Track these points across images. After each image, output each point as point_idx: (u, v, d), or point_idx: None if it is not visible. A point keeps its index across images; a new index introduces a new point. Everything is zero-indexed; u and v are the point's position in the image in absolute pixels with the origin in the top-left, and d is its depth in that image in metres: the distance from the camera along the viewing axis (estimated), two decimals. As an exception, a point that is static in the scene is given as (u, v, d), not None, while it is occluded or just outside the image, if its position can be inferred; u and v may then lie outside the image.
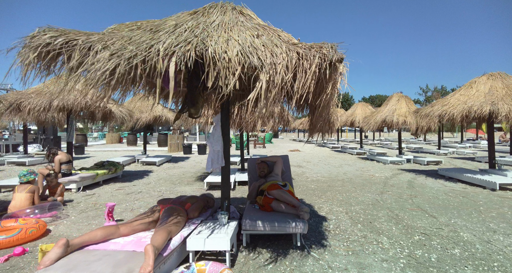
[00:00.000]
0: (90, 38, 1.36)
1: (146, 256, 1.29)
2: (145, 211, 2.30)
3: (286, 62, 1.28)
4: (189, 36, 1.40)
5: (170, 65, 1.23)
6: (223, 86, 1.28)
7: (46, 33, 1.34)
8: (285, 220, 2.04)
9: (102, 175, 4.69)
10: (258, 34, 1.48)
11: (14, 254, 1.93)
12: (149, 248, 1.30)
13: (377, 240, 2.23)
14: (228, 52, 1.30)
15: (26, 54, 1.30)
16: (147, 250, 1.30)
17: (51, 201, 3.07)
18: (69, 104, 4.20)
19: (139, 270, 1.24)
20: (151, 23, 1.61)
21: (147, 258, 1.28)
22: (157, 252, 1.37)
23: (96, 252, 1.45)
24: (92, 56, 1.28)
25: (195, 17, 1.65)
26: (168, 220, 1.74)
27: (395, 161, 7.99)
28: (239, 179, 4.60)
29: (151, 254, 1.29)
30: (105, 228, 1.62)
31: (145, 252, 1.30)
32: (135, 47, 1.30)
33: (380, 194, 4.03)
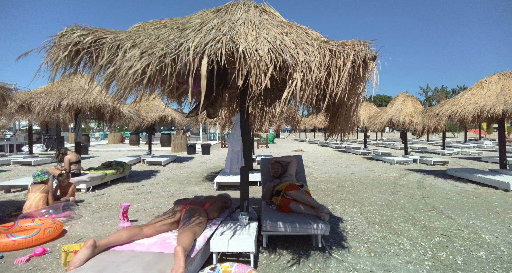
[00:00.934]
0: (118, 36, 1.34)
1: (176, 257, 1.27)
2: (165, 211, 2.28)
3: (319, 60, 1.25)
4: (217, 34, 1.37)
5: (202, 64, 1.20)
6: (253, 84, 1.25)
7: (75, 31, 1.32)
8: (306, 221, 2.02)
9: (110, 175, 4.67)
10: (287, 31, 1.45)
11: (35, 254, 1.91)
12: (179, 249, 1.28)
13: (397, 242, 2.20)
14: (259, 50, 1.27)
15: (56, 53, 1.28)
16: (177, 252, 1.28)
17: (65, 201, 3.06)
18: (79, 104, 4.18)
19: (170, 272, 1.22)
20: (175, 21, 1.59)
21: (178, 259, 1.26)
22: (186, 253, 1.35)
23: (123, 253, 1.43)
24: (122, 54, 1.26)
25: (219, 15, 1.63)
26: (190, 221, 1.72)
27: (401, 161, 7.95)
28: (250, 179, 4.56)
29: (181, 255, 1.26)
30: (129, 229, 1.60)
31: (175, 253, 1.28)
32: (165, 46, 1.27)
33: (391, 195, 4.00)
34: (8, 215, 2.80)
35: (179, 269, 1.23)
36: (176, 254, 1.27)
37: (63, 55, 1.26)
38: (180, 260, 1.25)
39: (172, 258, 1.39)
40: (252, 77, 1.24)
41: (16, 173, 5.90)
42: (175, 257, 1.27)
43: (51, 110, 4.09)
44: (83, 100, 4.18)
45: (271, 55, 1.25)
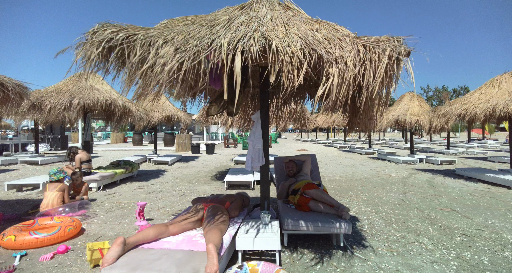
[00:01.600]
0: (149, 33, 1.33)
1: (209, 255, 1.26)
2: (186, 209, 2.27)
3: (353, 56, 1.24)
4: (248, 30, 1.36)
5: (236, 61, 1.19)
6: (285, 81, 1.24)
7: (106, 28, 1.31)
8: (328, 220, 2.01)
9: (120, 174, 4.68)
10: (317, 28, 1.44)
11: (58, 251, 1.91)
12: (211, 247, 1.27)
13: (418, 241, 2.18)
14: (292, 46, 1.26)
15: (90, 49, 1.27)
16: (210, 249, 1.27)
17: (79, 200, 3.06)
18: (89, 102, 4.18)
19: (204, 270, 1.21)
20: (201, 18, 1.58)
21: (211, 257, 1.25)
22: (218, 251, 1.34)
23: (153, 251, 1.42)
24: (155, 51, 1.25)
25: (244, 12, 1.62)
26: (215, 219, 1.72)
27: (408, 160, 7.92)
28: (259, 178, 4.56)
29: (214, 253, 1.26)
30: (156, 227, 1.59)
31: (208, 251, 1.27)
32: (198, 42, 1.26)
33: (403, 194, 3.98)
34: (25, 213, 2.80)
35: (213, 267, 1.22)
36: (209, 252, 1.27)
37: (97, 52, 1.25)
38: (213, 258, 1.25)
39: (202, 255, 1.38)
40: (284, 73, 1.23)
41: (24, 172, 5.92)
42: (208, 255, 1.26)
43: (62, 109, 4.09)
44: (93, 98, 4.18)
45: (304, 51, 1.24)
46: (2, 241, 1.97)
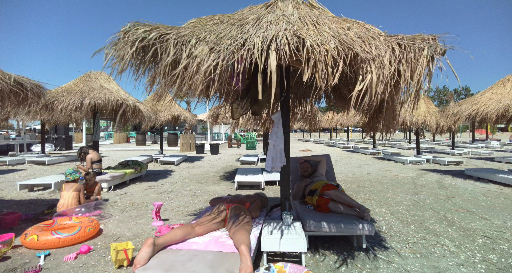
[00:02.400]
0: (180, 32, 1.32)
1: (242, 257, 1.25)
2: (205, 210, 2.27)
3: (389, 54, 1.22)
4: (278, 29, 1.35)
5: (271, 59, 1.18)
6: (319, 80, 1.23)
7: (138, 28, 1.30)
8: (350, 222, 1.99)
9: (129, 174, 4.68)
10: (348, 26, 1.43)
11: (81, 252, 1.91)
12: (244, 249, 1.27)
13: (439, 243, 2.16)
14: (325, 45, 1.24)
15: (124, 49, 1.26)
16: (243, 251, 1.26)
17: (94, 200, 3.06)
18: (100, 102, 4.19)
19: (239, 272, 1.21)
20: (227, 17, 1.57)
21: (244, 259, 1.24)
22: (250, 252, 1.33)
23: (182, 252, 1.42)
24: (188, 51, 1.24)
25: (271, 11, 1.61)
26: (239, 220, 1.71)
27: (414, 161, 7.88)
28: (268, 179, 4.55)
29: (247, 255, 1.25)
30: (183, 228, 1.59)
31: (241, 252, 1.26)
32: (232, 41, 1.25)
33: (415, 195, 3.96)
34: (41, 213, 2.80)
35: (248, 268, 1.21)
36: (242, 253, 1.26)
37: (131, 51, 1.25)
38: (247, 260, 1.24)
39: (232, 257, 1.37)
40: (318, 72, 1.22)
41: (32, 172, 5.93)
42: (241, 256, 1.26)
43: (73, 109, 4.10)
44: (104, 98, 4.18)
45: (338, 49, 1.22)
46: (25, 241, 1.97)
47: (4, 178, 5.13)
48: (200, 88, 1.18)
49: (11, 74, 2.37)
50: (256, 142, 13.98)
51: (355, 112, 2.63)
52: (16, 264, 1.78)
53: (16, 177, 5.28)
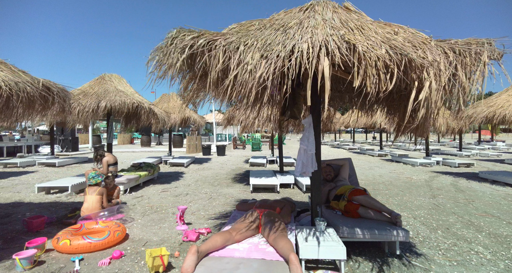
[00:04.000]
0: (227, 38, 1.32)
1: (293, 266, 1.24)
2: (232, 216, 2.25)
3: (443, 60, 1.21)
4: (325, 34, 1.34)
5: (325, 65, 1.17)
6: (370, 85, 1.21)
7: (185, 34, 1.30)
8: (383, 228, 1.97)
9: (143, 176, 4.68)
10: (396, 31, 1.41)
11: (113, 257, 1.91)
12: (295, 258, 1.25)
13: (473, 250, 2.13)
14: (376, 50, 1.23)
15: (174, 56, 1.26)
16: (293, 260, 1.25)
17: (115, 203, 3.06)
18: (116, 105, 4.20)
19: None
20: (267, 22, 1.56)
21: (296, 268, 1.23)
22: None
23: (226, 260, 1.40)
24: (238, 57, 1.23)
25: (310, 15, 1.60)
26: (275, 226, 1.69)
27: (424, 163, 7.81)
28: (282, 182, 4.52)
29: (298, 265, 1.24)
30: (222, 235, 1.58)
31: (292, 262, 1.25)
32: (282, 47, 1.25)
33: (433, 198, 3.92)
34: (64, 216, 2.80)
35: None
36: (292, 262, 1.25)
37: (182, 58, 1.24)
38: (298, 269, 1.22)
39: (277, 265, 1.36)
40: (369, 77, 1.20)
41: (45, 174, 5.95)
42: (292, 265, 1.24)
43: (90, 111, 4.12)
44: (120, 101, 4.20)
45: (390, 55, 1.21)
46: (57, 245, 1.97)
47: (18, 180, 5.15)
48: (253, 95, 1.17)
49: (39, 78, 2.39)
50: (261, 144, 13.96)
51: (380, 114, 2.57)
52: (52, 269, 1.77)
53: (29, 179, 5.30)
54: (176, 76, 1.33)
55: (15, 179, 5.27)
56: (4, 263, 1.85)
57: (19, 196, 3.89)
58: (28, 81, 2.21)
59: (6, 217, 2.89)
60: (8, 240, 2.24)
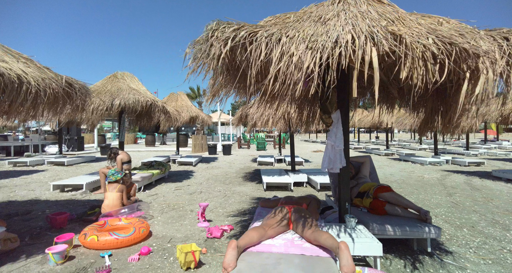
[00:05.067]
0: (268, 30, 1.30)
1: (344, 253, 1.25)
2: (257, 213, 2.23)
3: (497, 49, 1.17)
4: (366, 25, 1.31)
5: (373, 56, 1.14)
6: (416, 77, 1.18)
7: (225, 26, 1.28)
8: (414, 225, 1.94)
9: (156, 175, 4.68)
10: (439, 21, 1.38)
11: (141, 253, 1.89)
12: (345, 246, 1.28)
13: (505, 248, 2.09)
14: (423, 40, 1.20)
15: (217, 48, 1.24)
16: (343, 248, 1.27)
17: (134, 201, 3.05)
18: (130, 103, 4.20)
19: (340, 269, 1.19)
20: (303, 15, 1.54)
21: (346, 255, 1.24)
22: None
23: (265, 255, 1.39)
24: (281, 48, 1.21)
25: (345, 8, 1.57)
26: (308, 221, 1.68)
27: (433, 162, 7.75)
28: (295, 180, 4.49)
29: (348, 252, 1.25)
30: (257, 231, 1.56)
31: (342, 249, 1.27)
32: (327, 38, 1.22)
33: (449, 196, 3.88)
34: (84, 214, 2.80)
35: (351, 267, 1.18)
36: (342, 250, 1.26)
37: (225, 50, 1.22)
38: (348, 258, 1.22)
39: (319, 260, 1.34)
40: (416, 69, 1.17)
41: (55, 173, 5.97)
42: (342, 252, 1.25)
43: (104, 110, 4.12)
44: (134, 99, 4.19)
45: (438, 45, 1.18)
46: (85, 240, 1.96)
47: (30, 179, 5.17)
48: (299, 87, 1.14)
49: (62, 75, 2.38)
50: (266, 143, 13.93)
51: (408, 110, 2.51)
52: (83, 264, 1.77)
53: (41, 178, 5.32)
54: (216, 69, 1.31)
55: (27, 178, 5.29)
56: (35, 257, 1.84)
57: (35, 194, 3.90)
58: (53, 78, 2.20)
59: (27, 214, 2.89)
60: (34, 236, 2.24)
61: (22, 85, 1.82)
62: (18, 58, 1.98)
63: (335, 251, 1.31)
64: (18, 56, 2.01)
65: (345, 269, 1.18)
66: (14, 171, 6.22)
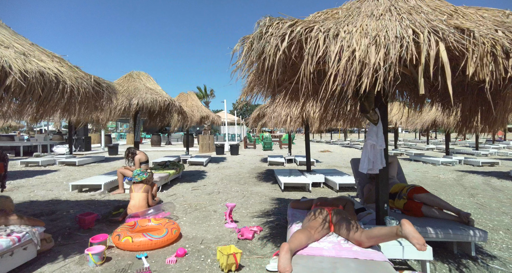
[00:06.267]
0: (323, 25, 1.26)
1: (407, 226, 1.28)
2: (291, 214, 2.19)
3: None
4: (423, 19, 1.26)
5: (441, 50, 1.09)
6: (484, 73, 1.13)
7: (278, 22, 1.24)
8: (457, 227, 1.89)
9: (172, 175, 4.66)
10: (506, 13, 1.33)
11: (178, 255, 1.86)
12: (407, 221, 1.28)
13: (546, 250, 2.02)
14: (491, 34, 1.15)
15: (273, 44, 1.20)
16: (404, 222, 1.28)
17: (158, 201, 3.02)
18: (147, 103, 4.18)
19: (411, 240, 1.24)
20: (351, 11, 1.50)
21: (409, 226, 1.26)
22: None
23: (317, 259, 1.34)
24: (340, 44, 1.17)
25: (394, 3, 1.51)
26: (352, 223, 1.63)
27: (445, 162, 7.66)
28: (314, 180, 4.43)
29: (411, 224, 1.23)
30: (305, 233, 1.52)
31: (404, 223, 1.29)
32: (386, 33, 1.18)
33: (472, 197, 3.80)
34: (109, 214, 2.78)
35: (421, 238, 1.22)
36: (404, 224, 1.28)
37: (283, 46, 1.18)
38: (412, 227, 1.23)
39: (375, 265, 1.29)
40: (486, 65, 1.12)
41: (69, 173, 5.98)
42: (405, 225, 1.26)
43: (122, 109, 4.10)
44: (152, 99, 4.17)
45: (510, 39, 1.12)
46: (119, 242, 1.93)
47: (45, 179, 5.18)
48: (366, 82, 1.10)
49: (90, 74, 2.36)
50: (272, 143, 13.88)
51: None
52: (121, 265, 1.74)
53: (56, 178, 5.32)
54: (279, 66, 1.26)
55: (42, 178, 5.30)
56: (73, 258, 1.82)
57: (54, 194, 3.90)
58: (83, 77, 2.18)
59: (51, 214, 2.88)
60: (66, 236, 2.22)
61: (59, 84, 1.80)
62: (52, 58, 1.96)
63: (397, 233, 1.32)
64: (51, 55, 1.99)
65: (415, 240, 1.21)
66: (28, 171, 6.24)
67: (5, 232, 1.53)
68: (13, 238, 1.52)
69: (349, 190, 4.29)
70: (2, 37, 1.69)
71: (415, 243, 1.25)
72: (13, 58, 1.54)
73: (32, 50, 1.84)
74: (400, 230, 1.32)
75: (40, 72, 1.66)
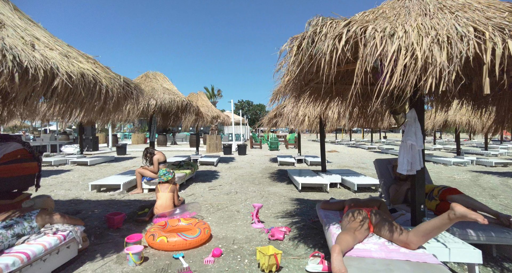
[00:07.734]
0: (377, 24, 1.24)
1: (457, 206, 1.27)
2: (324, 215, 2.17)
3: None
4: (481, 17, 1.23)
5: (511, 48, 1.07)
6: None
7: (331, 21, 1.23)
8: (499, 230, 1.86)
9: (188, 174, 4.67)
10: None
11: (214, 255, 1.86)
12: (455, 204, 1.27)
13: None
14: None
15: (330, 44, 1.19)
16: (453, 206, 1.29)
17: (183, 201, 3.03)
18: (165, 103, 4.19)
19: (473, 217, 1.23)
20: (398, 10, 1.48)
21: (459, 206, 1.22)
22: None
23: (368, 260, 1.33)
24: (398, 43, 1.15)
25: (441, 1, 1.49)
26: (393, 224, 1.62)
27: (457, 162, 7.58)
28: (331, 181, 4.40)
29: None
30: (351, 235, 1.51)
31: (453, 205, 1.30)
32: (446, 32, 1.16)
33: (494, 198, 3.75)
34: (134, 214, 2.79)
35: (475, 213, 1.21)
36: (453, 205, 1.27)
37: (341, 45, 1.17)
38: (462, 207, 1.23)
39: (429, 267, 1.27)
40: None
41: (83, 173, 6.01)
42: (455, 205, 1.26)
43: (140, 109, 4.11)
44: (170, 99, 4.18)
45: None
46: (154, 241, 1.93)
47: (61, 178, 5.22)
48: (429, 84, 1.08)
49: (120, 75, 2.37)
50: (279, 143, 13.85)
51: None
52: (160, 265, 1.74)
53: (71, 178, 5.36)
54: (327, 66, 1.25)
55: (57, 177, 5.34)
56: (111, 257, 1.83)
57: (73, 193, 3.92)
58: (115, 77, 2.19)
59: (77, 213, 2.89)
60: (98, 235, 2.23)
61: (96, 85, 1.81)
62: (87, 59, 1.97)
63: (450, 217, 1.33)
64: (86, 56, 2.00)
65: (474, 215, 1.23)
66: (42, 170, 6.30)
67: (51, 231, 1.54)
68: (59, 236, 1.54)
69: (367, 191, 4.25)
70: (45, 39, 1.70)
71: (475, 218, 1.24)
72: (59, 60, 1.55)
73: (70, 51, 1.85)
74: (453, 213, 1.32)
75: (81, 74, 1.67)
